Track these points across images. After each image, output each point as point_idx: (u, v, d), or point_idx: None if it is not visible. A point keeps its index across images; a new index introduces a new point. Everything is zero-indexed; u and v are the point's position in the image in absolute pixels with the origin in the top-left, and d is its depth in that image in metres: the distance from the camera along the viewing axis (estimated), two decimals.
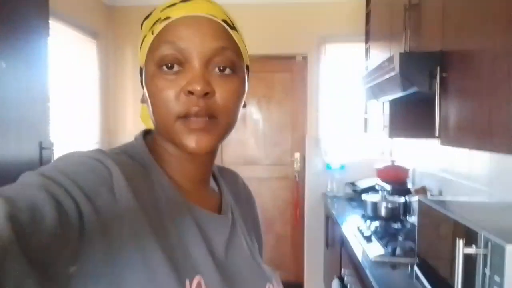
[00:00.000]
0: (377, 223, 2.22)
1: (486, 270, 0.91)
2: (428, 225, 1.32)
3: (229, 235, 0.63)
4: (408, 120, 2.17)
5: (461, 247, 0.95)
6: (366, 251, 1.81)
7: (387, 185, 2.69)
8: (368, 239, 1.96)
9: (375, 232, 2.07)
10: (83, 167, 0.49)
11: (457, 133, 1.35)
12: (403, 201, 2.37)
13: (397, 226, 2.20)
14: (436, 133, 1.47)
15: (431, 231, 1.29)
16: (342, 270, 2.27)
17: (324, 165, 3.45)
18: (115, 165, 0.51)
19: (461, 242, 0.96)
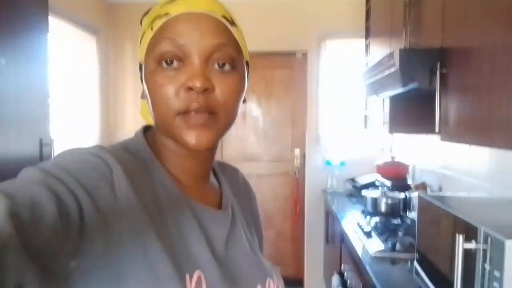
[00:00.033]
0: (377, 219, 2.23)
1: (485, 265, 0.91)
2: (428, 221, 1.32)
3: (229, 231, 0.63)
4: (408, 116, 2.17)
5: (461, 242, 0.96)
6: (366, 246, 1.82)
7: (387, 181, 2.69)
8: (368, 235, 1.96)
9: (375, 227, 2.07)
10: (83, 163, 0.49)
11: (457, 129, 1.35)
12: (403, 197, 2.38)
13: (397, 222, 2.21)
14: (436, 129, 1.47)
15: (431, 226, 1.29)
16: (342, 266, 2.28)
17: (324, 161, 3.45)
18: (115, 161, 0.51)
19: (461, 237, 0.96)
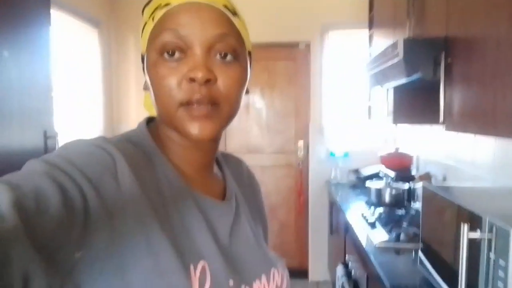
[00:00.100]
0: (381, 210, 2.23)
1: (490, 255, 0.91)
2: (432, 211, 1.32)
3: (233, 222, 0.63)
4: (412, 106, 2.16)
5: (466, 232, 0.96)
6: (370, 237, 1.82)
7: (391, 172, 2.69)
8: (372, 226, 1.97)
9: (379, 218, 2.07)
10: (87, 155, 0.49)
11: (462, 119, 1.34)
12: (407, 188, 2.37)
13: (401, 212, 2.20)
14: (441, 119, 1.46)
15: (435, 216, 1.29)
16: (347, 256, 2.29)
17: (327, 152, 3.45)
18: (118, 152, 0.51)
19: (465, 226, 0.96)
